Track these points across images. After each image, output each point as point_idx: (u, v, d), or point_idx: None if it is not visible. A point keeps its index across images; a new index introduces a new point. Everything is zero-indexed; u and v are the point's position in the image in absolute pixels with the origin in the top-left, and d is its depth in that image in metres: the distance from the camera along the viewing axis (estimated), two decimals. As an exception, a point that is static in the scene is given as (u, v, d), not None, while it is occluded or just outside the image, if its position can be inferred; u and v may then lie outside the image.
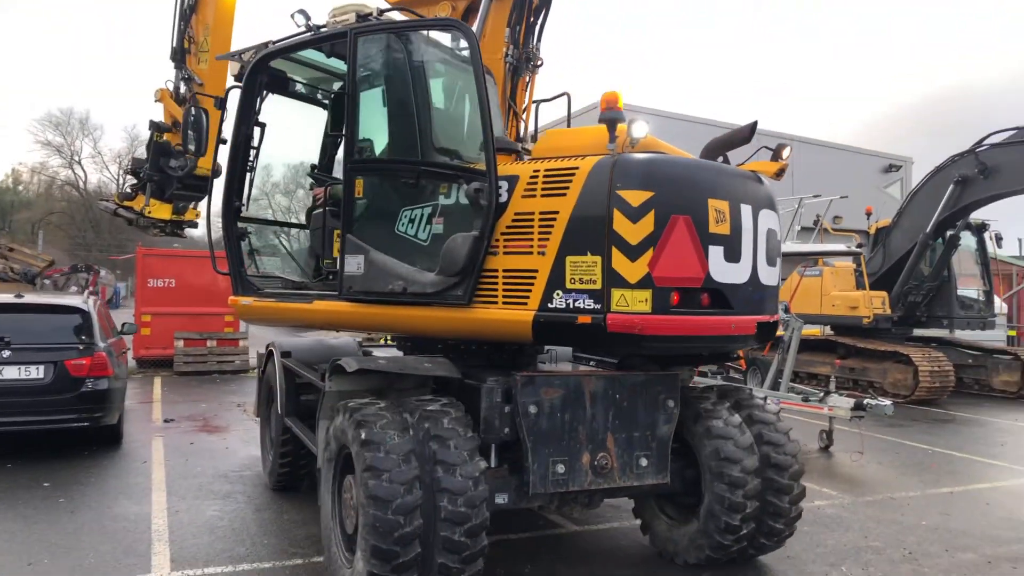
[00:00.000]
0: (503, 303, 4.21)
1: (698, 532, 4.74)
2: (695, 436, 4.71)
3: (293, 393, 6.09)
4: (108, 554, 4.99)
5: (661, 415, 4.43)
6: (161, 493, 6.43)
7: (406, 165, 4.73)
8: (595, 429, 4.25)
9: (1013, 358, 14.26)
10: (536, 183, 4.18)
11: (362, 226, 4.73)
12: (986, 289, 14.89)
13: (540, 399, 4.13)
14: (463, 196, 4.32)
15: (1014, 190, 12.50)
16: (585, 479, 4.22)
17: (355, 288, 4.67)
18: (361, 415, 3.99)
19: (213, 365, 14.95)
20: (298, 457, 6.26)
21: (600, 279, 3.88)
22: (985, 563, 5.20)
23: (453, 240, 4.31)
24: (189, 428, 9.36)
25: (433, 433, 3.87)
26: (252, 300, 5.66)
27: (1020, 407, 13.04)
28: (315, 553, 5.07)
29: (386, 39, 4.88)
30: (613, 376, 4.41)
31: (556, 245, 4.02)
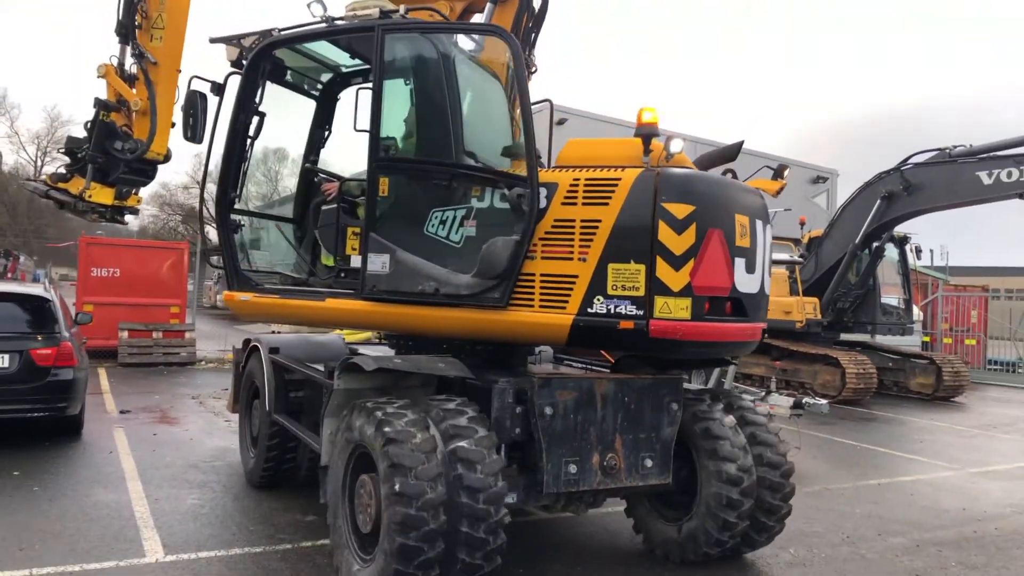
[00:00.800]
0: (540, 306, 4.34)
1: (695, 529, 4.87)
2: (693, 436, 4.85)
3: (283, 390, 6.05)
4: (98, 539, 5.10)
5: (665, 417, 4.60)
6: (136, 482, 6.50)
7: (444, 167, 4.72)
8: (605, 431, 4.39)
9: (928, 362, 15.34)
10: (577, 191, 4.32)
11: (387, 225, 4.68)
12: (906, 298, 15.94)
13: (555, 401, 4.24)
14: (498, 200, 4.43)
15: (934, 206, 13.48)
16: (595, 479, 4.34)
17: (380, 287, 4.63)
18: (383, 414, 4.01)
19: (159, 357, 14.75)
20: (284, 453, 6.23)
21: (643, 287, 4.09)
22: (914, 546, 5.80)
23: (493, 243, 4.38)
24: (147, 419, 9.34)
25: (452, 432, 3.94)
26: (251, 296, 5.48)
27: (935, 407, 14.07)
28: (302, 539, 5.29)
29: (418, 39, 4.86)
30: (623, 379, 4.55)
31: (598, 252, 4.19)
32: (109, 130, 8.28)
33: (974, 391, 16.57)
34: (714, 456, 4.78)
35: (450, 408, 4.08)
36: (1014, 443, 10.70)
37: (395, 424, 3.91)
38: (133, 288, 15.17)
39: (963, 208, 13.47)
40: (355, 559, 4.20)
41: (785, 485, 4.95)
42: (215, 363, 15.48)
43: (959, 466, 8.86)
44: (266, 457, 6.21)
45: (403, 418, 3.97)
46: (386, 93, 4.75)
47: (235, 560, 4.87)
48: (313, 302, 5.12)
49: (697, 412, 4.89)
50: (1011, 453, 9.92)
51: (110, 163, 8.36)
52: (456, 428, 3.95)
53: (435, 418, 4.02)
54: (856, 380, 13.48)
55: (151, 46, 8.23)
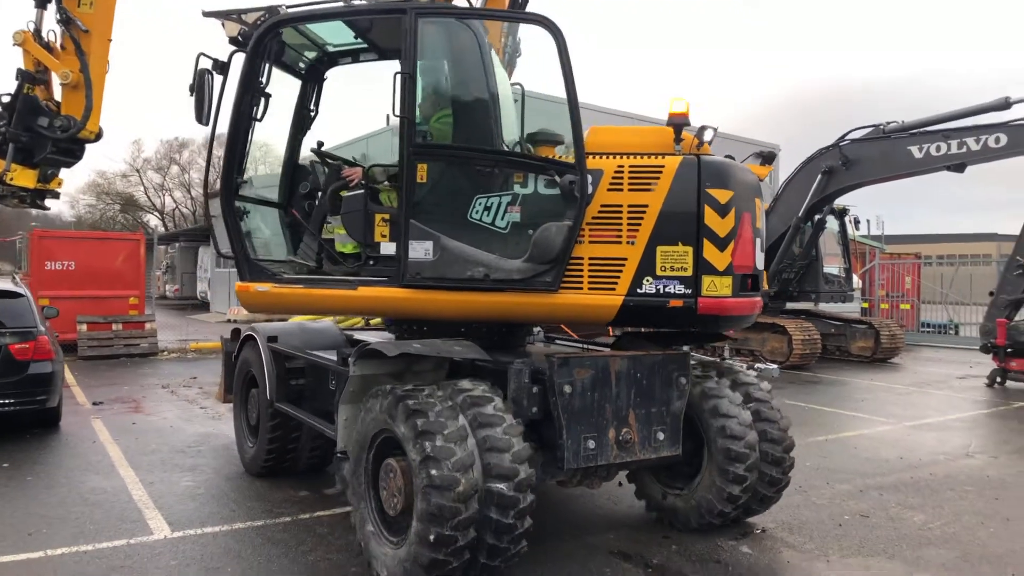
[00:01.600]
0: (588, 288, 4.56)
1: (700, 500, 5.10)
2: (701, 413, 5.05)
3: (284, 379, 6.03)
4: (103, 521, 5.35)
5: (675, 392, 4.76)
6: (127, 468, 6.72)
7: (491, 155, 4.73)
8: (619, 406, 4.53)
9: (867, 327, 16.25)
10: (622, 178, 4.56)
11: (426, 212, 4.65)
12: (846, 267, 16.81)
13: (574, 379, 4.37)
14: (541, 186, 4.58)
15: (871, 179, 14.25)
16: (611, 453, 4.49)
17: (424, 274, 4.61)
18: (415, 403, 4.06)
19: (120, 349, 14.72)
20: (287, 442, 6.21)
21: (691, 267, 4.45)
22: (857, 491, 6.40)
23: (547, 229, 4.50)
24: (122, 410, 9.46)
25: (481, 421, 4.02)
26: (270, 287, 5.10)
27: (874, 369, 14.95)
28: (299, 512, 5.62)
29: (452, 24, 4.83)
30: (635, 356, 4.71)
31: (646, 236, 4.48)
32: (32, 105, 7.42)
33: (909, 352, 17.59)
34: (722, 433, 4.96)
35: (476, 395, 4.15)
36: (945, 399, 11.54)
37: (427, 415, 3.96)
38: (89, 281, 15.02)
39: (897, 180, 14.31)
40: (383, 541, 4.29)
41: (786, 459, 5.19)
42: (177, 353, 15.49)
43: (896, 420, 9.59)
44: (268, 446, 6.18)
45: (433, 408, 4.02)
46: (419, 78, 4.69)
47: (239, 533, 5.18)
48: (344, 291, 4.91)
49: (706, 389, 5.06)
50: (942, 407, 10.73)
51: (35, 142, 7.53)
52: (484, 417, 4.04)
53: (462, 405, 4.09)
54: (802, 346, 14.25)
55: (80, 12, 7.37)
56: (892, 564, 4.82)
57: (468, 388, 4.21)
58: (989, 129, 12.38)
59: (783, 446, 5.18)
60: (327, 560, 4.71)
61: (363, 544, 4.43)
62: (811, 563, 4.83)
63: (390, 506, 4.22)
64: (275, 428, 6.11)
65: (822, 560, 4.88)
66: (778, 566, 4.75)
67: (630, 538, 5.20)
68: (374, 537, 4.34)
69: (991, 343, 12.63)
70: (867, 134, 14.07)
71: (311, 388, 5.90)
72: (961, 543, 5.21)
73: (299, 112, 6.23)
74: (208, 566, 4.60)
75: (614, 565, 4.71)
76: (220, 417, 9.05)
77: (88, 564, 4.60)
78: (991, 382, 12.63)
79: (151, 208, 61.72)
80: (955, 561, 4.87)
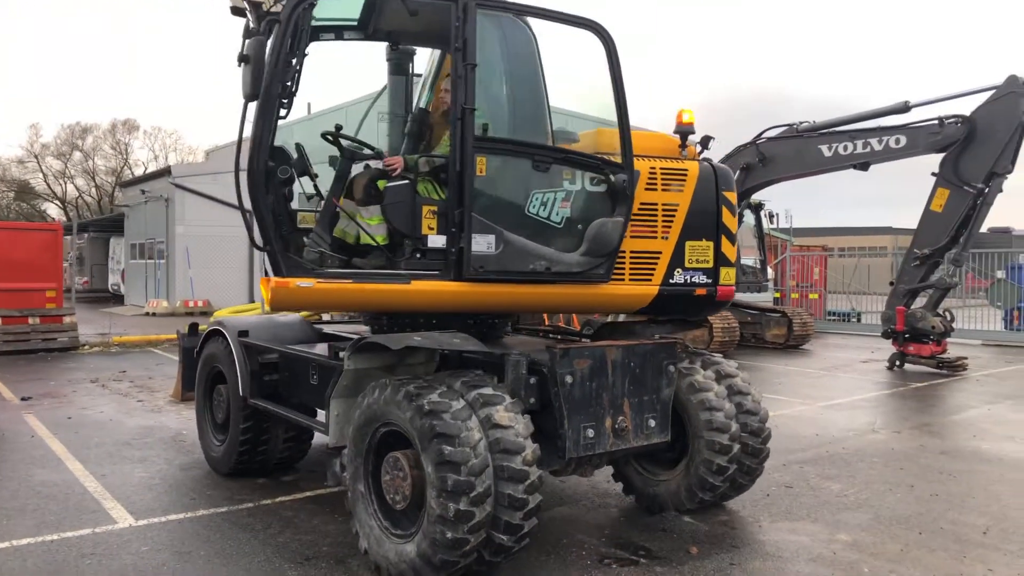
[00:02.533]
0: (629, 279, 5.04)
1: (681, 487, 5.28)
2: (679, 392, 5.18)
3: (258, 374, 5.90)
4: (62, 512, 5.35)
5: (664, 379, 4.94)
6: (73, 461, 6.66)
7: (550, 151, 4.85)
8: (615, 395, 4.68)
9: (781, 315, 17.24)
10: (656, 179, 5.10)
11: (484, 205, 4.62)
12: (761, 258, 17.76)
13: (574, 369, 4.49)
14: (588, 182, 4.86)
15: (784, 176, 15.12)
16: (608, 441, 4.62)
17: (487, 268, 4.59)
18: (415, 388, 4.11)
19: (38, 343, 14.20)
20: (259, 438, 6.09)
21: (712, 260, 5.20)
22: (781, 465, 6.97)
23: (603, 225, 4.79)
24: (54, 404, 9.25)
25: (483, 401, 4.09)
26: (313, 282, 4.60)
27: (787, 355, 15.91)
28: (260, 498, 5.74)
29: (507, 19, 4.87)
30: (629, 346, 4.86)
31: (677, 231, 5.12)
32: None
33: (818, 339, 18.75)
34: (703, 407, 5.14)
35: (488, 394, 4.16)
36: (851, 381, 12.47)
37: (443, 416, 3.96)
38: (3, 273, 14.41)
39: (808, 177, 15.24)
40: (384, 534, 4.31)
41: (764, 429, 5.40)
42: (100, 347, 15.04)
43: (811, 401, 10.35)
44: (241, 444, 6.03)
45: (435, 391, 4.07)
46: None
47: (204, 520, 5.28)
48: (397, 285, 4.67)
49: (694, 382, 5.23)
50: (850, 388, 11.62)
51: None
52: (485, 396, 4.11)
53: (474, 403, 4.11)
54: (722, 334, 15.04)
55: None
56: (815, 526, 5.35)
57: (479, 384, 4.21)
58: (891, 131, 13.34)
59: (759, 417, 5.40)
60: (297, 540, 4.89)
61: (363, 538, 4.41)
62: (745, 528, 5.32)
63: (396, 501, 4.23)
64: (246, 422, 5.99)
65: (755, 525, 5.37)
66: (717, 531, 5.20)
67: (585, 513, 5.57)
68: (377, 532, 4.35)
69: (891, 329, 13.65)
70: (782, 133, 14.91)
71: (287, 383, 5.79)
72: (873, 507, 5.80)
73: None
74: (179, 550, 4.71)
75: (570, 536, 5.06)
76: (160, 411, 8.97)
77: (56, 552, 4.63)
78: (891, 365, 13.66)
79: (51, 196, 58.76)
80: (869, 522, 5.44)
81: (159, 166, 55.16)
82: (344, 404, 4.70)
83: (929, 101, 13.21)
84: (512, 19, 4.92)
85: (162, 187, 25.73)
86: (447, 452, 3.87)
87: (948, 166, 12.73)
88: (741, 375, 5.56)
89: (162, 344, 15.81)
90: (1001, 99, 12.27)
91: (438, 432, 3.91)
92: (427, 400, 4.02)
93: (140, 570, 4.40)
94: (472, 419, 4.01)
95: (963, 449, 7.70)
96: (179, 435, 7.72)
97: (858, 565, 4.63)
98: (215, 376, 6.51)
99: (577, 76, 5.38)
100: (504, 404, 4.14)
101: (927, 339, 13.21)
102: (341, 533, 4.97)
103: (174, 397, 9.48)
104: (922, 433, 8.46)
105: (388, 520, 4.35)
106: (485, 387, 4.20)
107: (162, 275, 25.68)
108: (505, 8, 4.81)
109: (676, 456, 5.38)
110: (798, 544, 4.98)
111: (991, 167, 12.25)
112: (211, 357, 6.48)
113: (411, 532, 4.16)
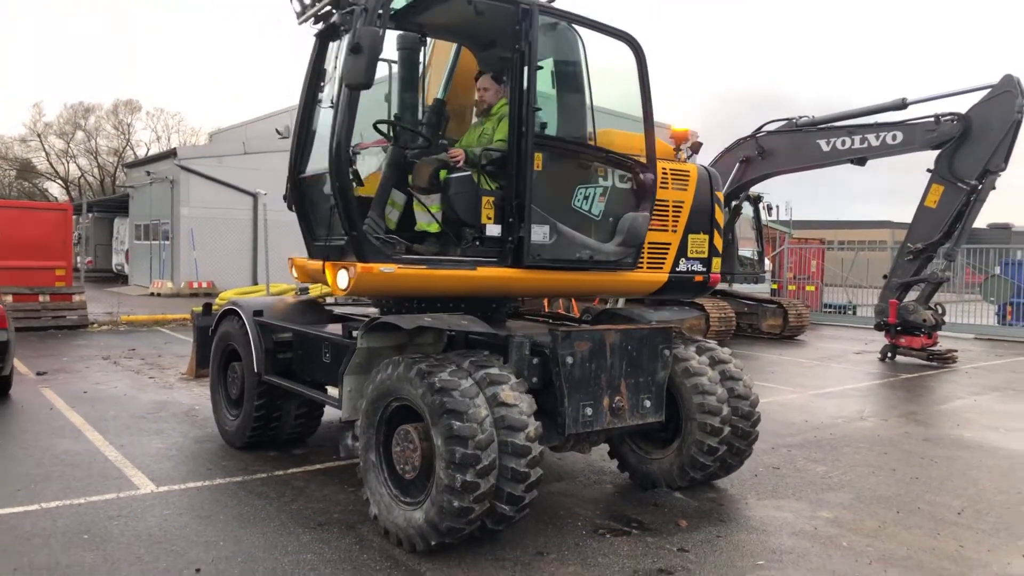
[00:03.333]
0: (647, 268, 5.69)
1: (673, 466, 5.58)
2: (684, 388, 5.45)
3: (272, 352, 6.15)
4: (86, 479, 5.65)
5: (659, 362, 5.21)
6: (93, 432, 6.96)
7: (595, 151, 5.28)
8: (613, 376, 4.93)
9: (777, 306, 17.53)
10: (667, 178, 5.72)
11: (541, 198, 4.97)
12: (759, 250, 18.01)
13: (575, 351, 4.75)
14: (618, 179, 5.39)
15: (783, 169, 15.39)
16: (605, 419, 4.89)
17: (544, 256, 4.98)
18: (427, 366, 4.37)
19: (48, 321, 14.50)
20: (271, 413, 6.37)
21: (707, 251, 5.94)
22: (770, 448, 7.28)
23: (635, 219, 5.35)
24: (69, 379, 9.55)
25: (489, 380, 4.34)
26: (395, 268, 4.75)
27: (782, 344, 16.22)
28: (272, 469, 6.04)
29: (561, 25, 5.23)
30: (626, 330, 5.13)
31: (683, 225, 5.81)
32: None
33: (813, 330, 19.04)
34: (696, 390, 5.41)
35: (495, 374, 4.41)
36: (843, 371, 12.78)
37: (452, 394, 4.21)
38: (13, 251, 14.68)
39: (806, 171, 15.49)
40: (394, 502, 4.58)
41: (753, 413, 5.67)
42: (108, 325, 15.34)
43: (802, 390, 10.66)
44: (255, 418, 6.31)
45: (445, 370, 4.33)
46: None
47: (221, 488, 5.58)
48: (464, 272, 4.94)
49: (689, 367, 5.48)
50: (841, 378, 11.92)
51: None
52: (491, 376, 4.37)
53: (481, 382, 4.35)
54: (719, 323, 15.34)
55: None
56: (800, 504, 5.66)
57: (486, 364, 4.47)
58: (887, 127, 13.60)
59: (750, 401, 5.69)
60: (309, 508, 5.19)
61: (373, 505, 4.68)
62: (733, 504, 5.62)
63: (405, 470, 4.50)
64: (260, 398, 6.25)
65: (742, 502, 5.67)
66: (706, 507, 5.50)
67: (581, 489, 5.88)
68: (387, 500, 4.61)
69: (884, 321, 13.95)
70: (781, 127, 15.16)
71: (300, 361, 6.07)
72: (856, 488, 6.10)
73: (316, 72, 5.58)
74: (200, 515, 5.01)
75: (567, 508, 5.36)
76: (171, 387, 9.28)
77: (84, 515, 4.93)
78: (883, 356, 13.97)
79: (53, 175, 58.90)
80: (851, 502, 5.75)
81: (161, 146, 55.41)
82: (356, 380, 4.99)
83: (926, 99, 13.47)
84: (565, 25, 5.31)
85: (167, 169, 25.95)
86: (456, 427, 4.12)
87: (943, 163, 12.98)
88: (734, 361, 5.84)
89: (169, 324, 16.11)
90: (996, 98, 12.51)
91: (448, 408, 4.17)
92: (438, 378, 4.26)
93: (165, 530, 4.71)
94: (479, 397, 4.26)
95: (946, 437, 8.01)
96: (191, 410, 8.02)
97: (837, 539, 4.94)
98: (229, 354, 6.78)
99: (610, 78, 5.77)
100: (509, 383, 4.39)
101: (918, 332, 13.50)
102: (351, 502, 5.27)
103: (188, 374, 9.77)
104: (908, 421, 8.77)
105: (398, 488, 4.61)
106: (492, 367, 4.44)
107: (167, 256, 25.95)
108: (560, 15, 5.22)
109: (669, 436, 5.68)
110: (782, 520, 5.28)
111: (985, 164, 12.51)
112: (226, 335, 6.76)
113: (419, 500, 4.45)
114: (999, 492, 6.07)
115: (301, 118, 5.64)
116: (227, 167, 24.66)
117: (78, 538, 4.55)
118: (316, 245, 5.56)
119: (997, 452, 7.39)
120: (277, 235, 13.26)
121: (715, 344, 5.95)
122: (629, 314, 5.97)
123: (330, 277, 4.90)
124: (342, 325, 5.70)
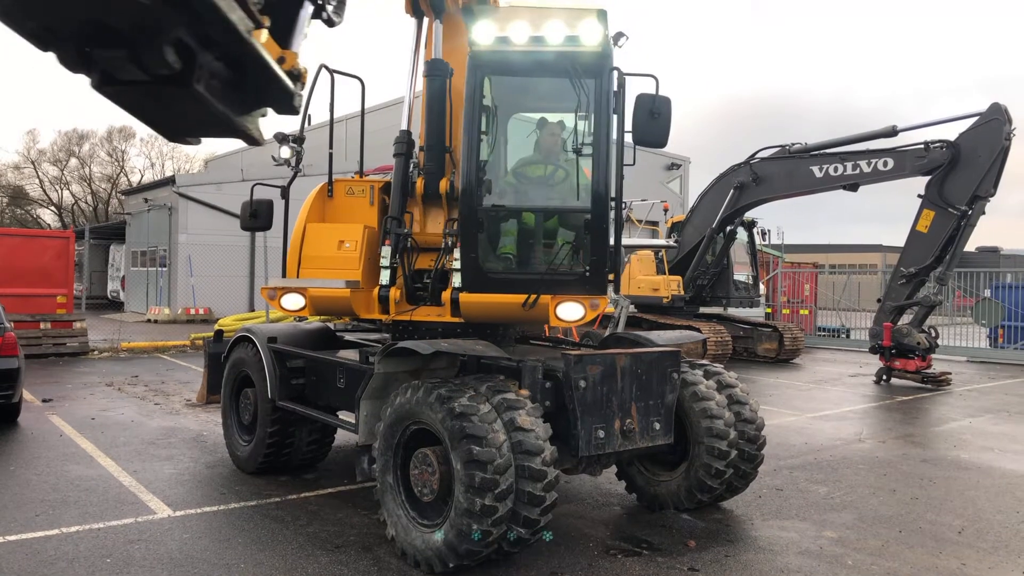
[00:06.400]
0: None
1: (681, 488, 5.67)
2: (692, 412, 5.56)
3: (286, 378, 6.26)
4: (102, 504, 5.73)
5: (668, 385, 5.30)
6: (105, 458, 7.03)
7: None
8: (624, 399, 5.03)
9: (772, 330, 17.71)
10: None
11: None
12: (754, 274, 18.26)
13: (587, 374, 4.84)
14: None
15: (777, 195, 15.67)
16: (617, 442, 4.98)
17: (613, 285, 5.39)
18: (447, 391, 4.45)
19: (48, 348, 14.52)
20: (284, 440, 6.42)
21: None
22: (772, 471, 7.40)
23: None
24: (75, 407, 9.60)
25: (507, 405, 4.43)
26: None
27: (778, 368, 16.37)
28: (286, 493, 6.13)
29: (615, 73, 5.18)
30: (636, 354, 5.22)
31: None
32: None
33: (808, 353, 19.21)
34: (704, 415, 5.52)
35: (512, 399, 4.50)
36: (839, 393, 12.93)
37: (460, 400, 4.35)
38: (15, 278, 14.76)
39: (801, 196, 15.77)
40: (411, 524, 4.66)
41: (759, 437, 5.77)
42: (109, 352, 15.38)
43: (800, 412, 10.80)
44: (268, 444, 6.37)
45: (464, 395, 4.42)
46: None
47: (236, 512, 5.67)
48: None
49: (697, 391, 5.59)
50: (837, 401, 12.07)
51: None
52: (508, 401, 4.46)
53: (499, 407, 4.44)
54: (715, 347, 15.50)
55: None
56: (804, 524, 5.78)
57: (503, 390, 4.58)
58: (879, 154, 13.90)
59: (756, 424, 5.77)
60: (325, 531, 5.28)
61: (390, 526, 4.75)
62: (739, 525, 5.74)
63: (423, 493, 4.58)
64: (274, 424, 6.32)
65: (748, 523, 5.79)
66: (714, 528, 5.62)
67: (590, 511, 5.99)
68: (405, 523, 4.69)
69: (878, 344, 14.13)
70: (774, 153, 15.46)
71: (314, 386, 6.19)
72: (858, 508, 6.23)
73: (478, 106, 5.39)
74: (219, 538, 5.10)
75: (578, 530, 5.47)
76: (178, 413, 9.34)
77: (105, 539, 5.02)
78: (878, 379, 14.13)
79: (46, 203, 58.91)
80: (853, 522, 5.88)
81: (155, 173, 55.46)
82: (373, 405, 5.12)
83: (916, 126, 13.81)
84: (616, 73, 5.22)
85: (165, 196, 26.09)
86: (475, 452, 4.22)
87: (933, 188, 13.25)
88: (740, 386, 5.97)
89: (169, 351, 16.16)
90: (984, 125, 12.82)
91: (467, 433, 4.26)
92: (458, 403, 4.37)
93: (186, 554, 4.79)
94: (497, 422, 4.35)
95: (943, 458, 8.15)
96: (200, 436, 8.10)
97: (842, 558, 5.06)
98: (242, 380, 6.87)
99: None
100: (526, 408, 4.49)
101: (913, 354, 13.68)
102: (365, 525, 5.37)
103: (198, 400, 9.85)
104: (905, 443, 8.91)
105: (415, 510, 4.70)
106: (509, 392, 4.56)
107: (164, 283, 26.00)
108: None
109: (677, 459, 5.81)
110: (788, 539, 5.41)
111: (974, 190, 12.79)
112: (239, 362, 6.84)
113: (437, 522, 4.55)
114: (997, 511, 6.21)
115: (470, 150, 5.23)
116: (225, 194, 24.80)
117: (101, 562, 4.63)
118: (494, 277, 5.25)
119: (993, 472, 7.53)
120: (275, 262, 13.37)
121: (722, 368, 6.06)
122: (635, 338, 6.12)
123: (554, 310, 5.07)
124: (358, 351, 5.81)
